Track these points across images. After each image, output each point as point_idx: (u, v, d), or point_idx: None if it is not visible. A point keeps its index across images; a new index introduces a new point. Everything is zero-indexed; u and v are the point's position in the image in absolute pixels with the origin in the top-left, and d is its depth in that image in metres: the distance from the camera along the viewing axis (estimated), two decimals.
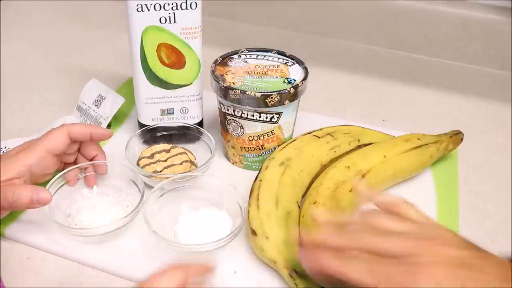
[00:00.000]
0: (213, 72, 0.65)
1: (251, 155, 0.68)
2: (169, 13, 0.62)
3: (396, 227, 0.44)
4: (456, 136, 0.69)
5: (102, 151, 0.64)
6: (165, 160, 0.65)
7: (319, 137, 0.66)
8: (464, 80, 0.91)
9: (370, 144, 0.67)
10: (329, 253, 0.44)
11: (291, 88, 0.62)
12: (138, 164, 0.65)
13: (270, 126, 0.65)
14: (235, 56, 0.68)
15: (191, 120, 0.71)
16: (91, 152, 0.64)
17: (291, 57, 0.69)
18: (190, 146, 0.70)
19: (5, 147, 0.69)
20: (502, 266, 0.41)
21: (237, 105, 0.63)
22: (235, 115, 0.65)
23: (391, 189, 0.66)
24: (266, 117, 0.64)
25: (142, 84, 0.67)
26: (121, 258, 0.57)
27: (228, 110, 0.65)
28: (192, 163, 0.66)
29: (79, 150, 0.64)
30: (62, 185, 0.62)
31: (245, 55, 0.69)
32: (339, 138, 0.66)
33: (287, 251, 0.54)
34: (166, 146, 0.67)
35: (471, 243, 0.43)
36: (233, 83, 0.63)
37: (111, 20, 1.05)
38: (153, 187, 0.61)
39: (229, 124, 0.67)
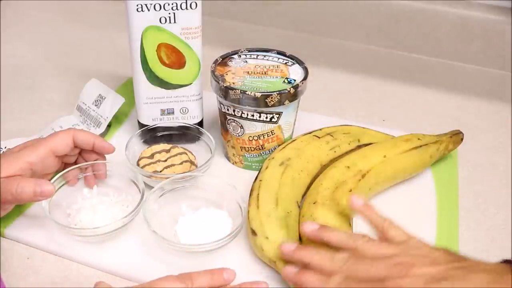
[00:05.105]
0: (213, 72, 0.65)
1: (251, 155, 0.68)
2: (169, 13, 0.62)
3: (382, 252, 0.47)
4: (456, 136, 0.69)
5: (103, 157, 0.64)
6: (165, 160, 0.65)
7: (319, 137, 0.66)
8: (464, 80, 0.91)
9: (370, 144, 0.67)
10: (314, 276, 0.47)
11: (291, 88, 0.62)
12: (138, 164, 0.65)
13: (270, 126, 0.65)
14: (235, 56, 0.68)
15: (191, 120, 0.71)
16: (92, 157, 0.64)
17: (291, 57, 0.69)
18: (190, 146, 0.70)
19: (5, 147, 0.69)
20: (490, 271, 0.43)
21: (237, 105, 0.63)
22: (235, 115, 0.65)
23: (391, 189, 0.66)
24: (266, 117, 0.64)
25: (142, 84, 0.67)
26: (121, 258, 0.57)
27: (228, 110, 0.65)
28: (192, 163, 0.66)
29: (80, 153, 0.64)
30: (62, 185, 0.62)
31: (245, 55, 0.69)
32: (339, 138, 0.66)
33: None
34: (166, 146, 0.67)
35: (455, 254, 0.46)
36: (233, 83, 0.63)
37: (111, 20, 1.05)
38: (153, 187, 0.61)
39: (229, 124, 0.67)
